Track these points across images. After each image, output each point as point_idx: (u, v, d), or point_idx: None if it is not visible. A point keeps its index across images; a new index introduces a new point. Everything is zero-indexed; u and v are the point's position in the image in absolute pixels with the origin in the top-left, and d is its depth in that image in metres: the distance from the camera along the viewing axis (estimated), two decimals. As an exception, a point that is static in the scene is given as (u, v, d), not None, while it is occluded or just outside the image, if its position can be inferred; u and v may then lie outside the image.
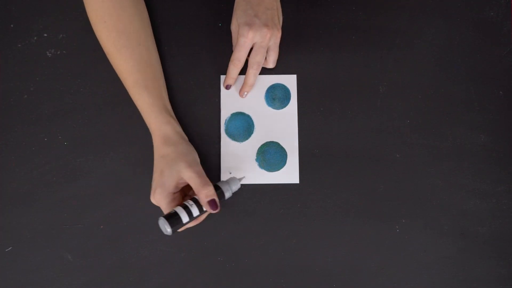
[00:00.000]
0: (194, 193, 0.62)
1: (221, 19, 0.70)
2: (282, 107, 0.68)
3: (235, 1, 0.65)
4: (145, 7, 0.66)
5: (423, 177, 0.67)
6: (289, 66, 0.69)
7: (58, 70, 0.69)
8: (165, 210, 0.60)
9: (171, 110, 0.65)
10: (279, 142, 0.67)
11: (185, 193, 0.64)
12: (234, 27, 0.66)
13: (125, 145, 0.67)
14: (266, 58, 0.66)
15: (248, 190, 0.67)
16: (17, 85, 0.68)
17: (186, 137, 0.64)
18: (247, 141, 0.68)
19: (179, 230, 0.60)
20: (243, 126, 0.68)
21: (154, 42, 0.66)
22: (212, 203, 0.58)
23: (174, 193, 0.60)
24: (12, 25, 0.69)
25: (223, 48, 0.69)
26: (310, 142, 0.68)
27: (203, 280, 0.65)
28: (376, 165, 0.67)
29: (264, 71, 0.68)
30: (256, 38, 0.63)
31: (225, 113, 0.68)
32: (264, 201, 0.67)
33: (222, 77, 0.69)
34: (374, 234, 0.66)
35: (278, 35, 0.64)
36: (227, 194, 0.62)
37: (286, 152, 0.67)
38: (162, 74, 0.66)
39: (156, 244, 0.66)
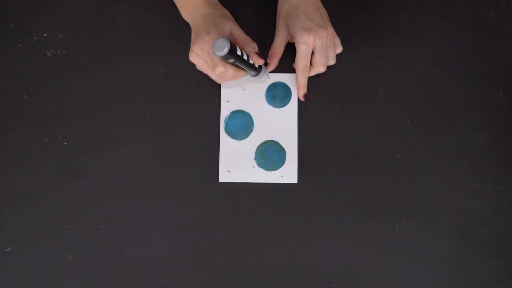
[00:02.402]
0: None
1: (221, 19, 0.70)
2: (282, 106, 0.68)
3: (280, 8, 0.65)
4: None
5: (423, 177, 0.67)
6: (290, 65, 0.69)
7: (58, 70, 0.69)
8: None
9: None
10: (278, 141, 0.67)
11: None
12: (281, 34, 0.66)
13: (125, 145, 0.67)
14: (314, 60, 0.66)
15: (248, 190, 0.67)
16: (17, 85, 0.68)
17: None
18: (246, 139, 0.68)
19: (220, 71, 0.59)
20: (243, 124, 0.68)
21: None
22: (259, 54, 0.60)
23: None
24: (12, 25, 0.69)
25: (223, 48, 0.69)
26: (309, 142, 0.68)
27: (203, 280, 0.65)
28: (376, 165, 0.67)
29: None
30: (316, 41, 0.63)
31: (225, 111, 0.68)
32: (264, 201, 0.67)
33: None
34: (374, 234, 0.66)
35: (332, 31, 0.64)
36: (263, 73, 0.64)
37: (285, 151, 0.67)
38: None
39: (156, 244, 0.66)
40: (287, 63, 0.69)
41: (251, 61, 0.60)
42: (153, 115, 0.68)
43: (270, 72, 0.68)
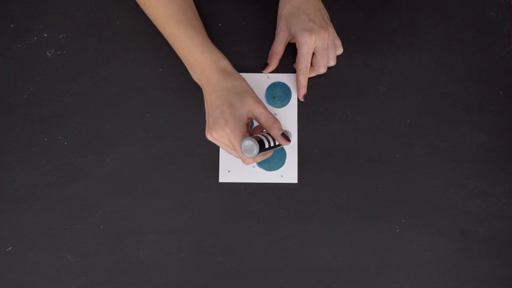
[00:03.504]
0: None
1: (221, 19, 0.70)
2: (282, 106, 0.68)
3: (281, 8, 0.65)
4: None
5: (423, 177, 0.67)
6: (290, 65, 0.69)
7: (58, 70, 0.69)
8: (238, 142, 0.57)
9: None
10: (278, 141, 0.67)
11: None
12: (282, 34, 0.66)
13: (125, 145, 0.67)
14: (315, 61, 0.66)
15: (248, 190, 0.67)
16: (17, 85, 0.68)
17: None
18: (247, 140, 0.68)
19: (249, 162, 0.60)
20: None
21: None
22: (285, 136, 0.58)
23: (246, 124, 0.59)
24: (12, 25, 0.69)
25: (223, 48, 0.69)
26: (309, 142, 0.68)
27: (203, 280, 0.65)
28: (376, 165, 0.67)
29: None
30: (317, 42, 0.63)
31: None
32: (264, 201, 0.67)
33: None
34: (374, 234, 0.66)
35: (333, 32, 0.64)
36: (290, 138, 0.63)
37: (285, 151, 0.67)
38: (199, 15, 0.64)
39: (156, 244, 0.66)
40: (287, 63, 0.69)
41: (277, 142, 0.60)
42: (153, 115, 0.68)
43: (270, 72, 0.68)
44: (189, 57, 0.61)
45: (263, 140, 0.57)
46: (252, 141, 0.54)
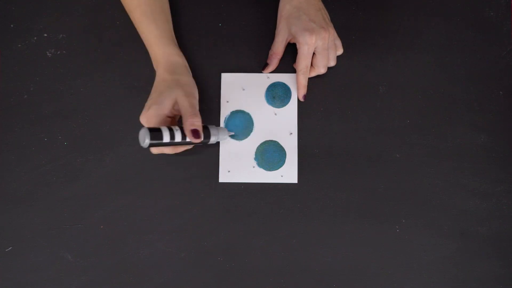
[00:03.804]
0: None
1: (221, 19, 0.70)
2: (282, 106, 0.68)
3: (282, 8, 0.65)
4: None
5: (423, 177, 0.67)
6: (290, 65, 0.69)
7: (58, 70, 0.69)
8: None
9: (176, 43, 0.65)
10: (278, 141, 0.67)
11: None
12: (282, 34, 0.66)
13: (125, 145, 0.67)
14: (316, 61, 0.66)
15: (248, 190, 0.67)
16: (17, 85, 0.68)
17: (190, 71, 0.64)
18: (246, 139, 0.68)
19: (155, 152, 0.60)
20: (243, 124, 0.68)
21: None
22: (194, 132, 0.58)
23: (167, 117, 0.60)
24: (12, 25, 0.69)
25: (223, 48, 0.69)
26: (309, 142, 0.68)
27: (203, 280, 0.65)
28: (376, 165, 0.67)
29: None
30: (318, 42, 0.63)
31: (225, 111, 0.68)
32: (264, 201, 0.67)
33: (223, 75, 0.69)
34: (374, 234, 0.66)
35: (333, 32, 0.64)
36: (213, 138, 0.62)
37: (285, 151, 0.67)
38: (169, 9, 0.66)
39: (156, 244, 0.66)
40: (287, 63, 0.69)
41: (188, 139, 0.59)
42: (153, 115, 0.68)
43: (270, 72, 0.68)
44: (149, 48, 0.64)
45: (161, 132, 0.56)
46: (144, 131, 0.55)
